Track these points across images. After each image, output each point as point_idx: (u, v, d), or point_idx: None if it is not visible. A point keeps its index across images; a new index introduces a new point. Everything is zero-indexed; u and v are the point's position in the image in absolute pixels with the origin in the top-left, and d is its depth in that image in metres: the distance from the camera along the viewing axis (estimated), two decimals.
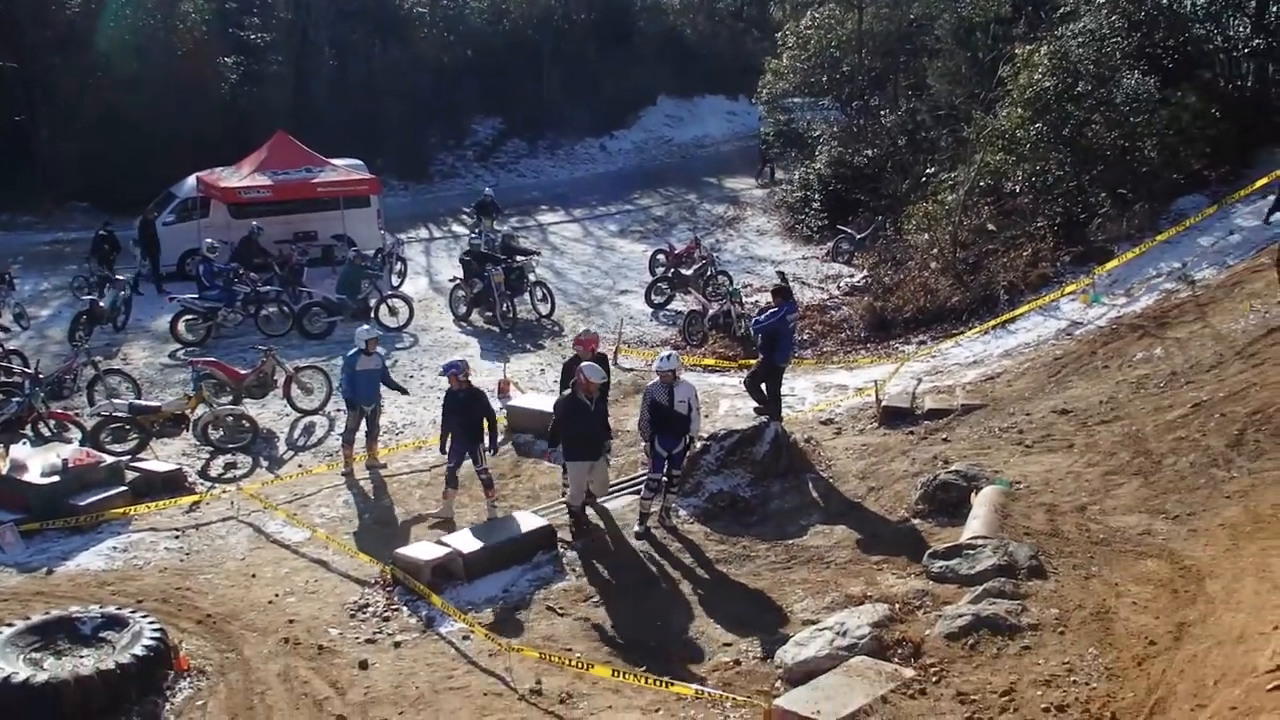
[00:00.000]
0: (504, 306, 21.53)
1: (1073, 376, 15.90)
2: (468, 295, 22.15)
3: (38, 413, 15.57)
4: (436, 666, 10.23)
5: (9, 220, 29.03)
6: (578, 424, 12.63)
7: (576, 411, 12.65)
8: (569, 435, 12.69)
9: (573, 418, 12.64)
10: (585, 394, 12.63)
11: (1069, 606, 9.45)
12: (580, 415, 12.64)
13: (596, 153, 42.89)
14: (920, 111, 29.36)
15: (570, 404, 12.70)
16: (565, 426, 12.67)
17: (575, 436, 12.68)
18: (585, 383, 12.60)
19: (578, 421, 12.63)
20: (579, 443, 12.72)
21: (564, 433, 12.71)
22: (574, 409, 12.66)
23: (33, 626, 10.08)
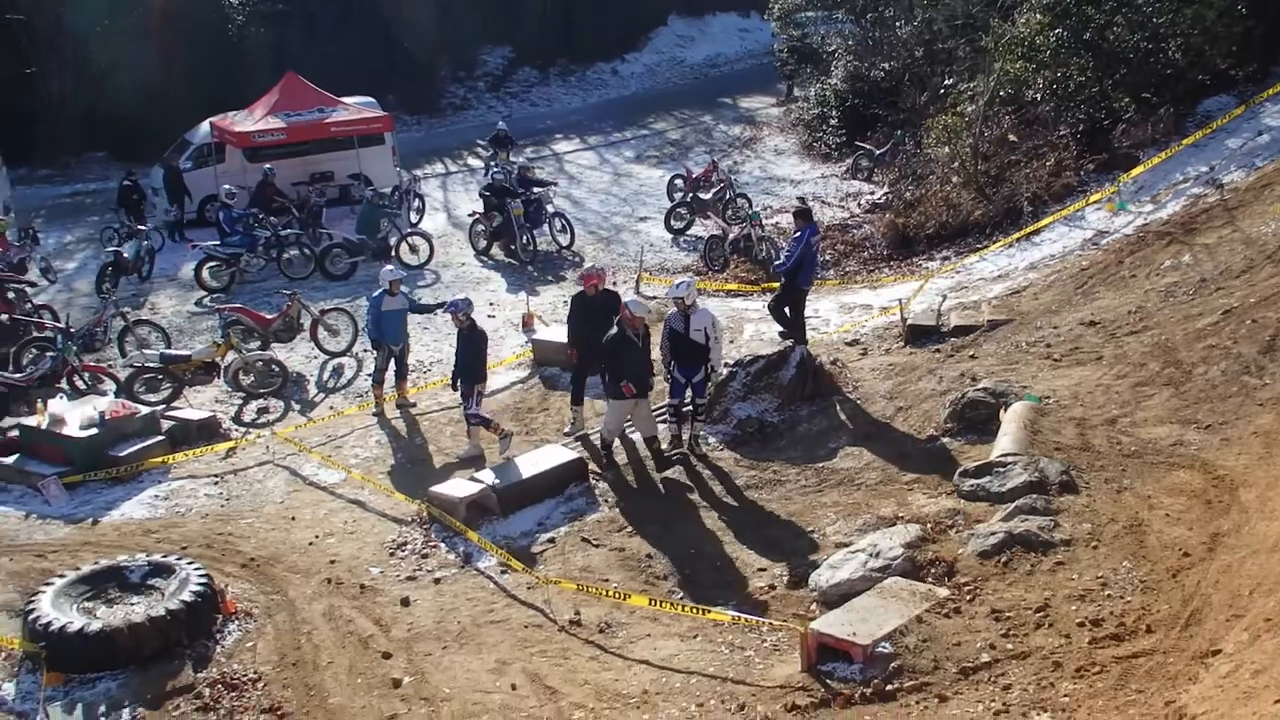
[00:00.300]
0: (524, 239, 21.51)
1: (1100, 287, 15.81)
2: (487, 229, 22.12)
3: (72, 366, 15.73)
4: (477, 601, 10.43)
5: (28, 174, 29.08)
6: (625, 360, 12.54)
7: (624, 347, 12.57)
8: (616, 371, 12.59)
9: (620, 354, 12.56)
10: (631, 329, 12.58)
11: (1101, 521, 9.52)
12: (628, 351, 12.57)
13: (608, 77, 42.47)
14: (936, 21, 28.78)
15: (618, 340, 12.59)
16: (614, 364, 12.59)
17: (622, 373, 12.58)
18: (631, 318, 12.56)
19: (625, 358, 12.55)
20: (632, 376, 12.60)
21: (614, 370, 12.61)
22: (621, 345, 12.58)
23: (83, 577, 10.31)
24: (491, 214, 22.10)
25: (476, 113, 38.20)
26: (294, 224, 21.80)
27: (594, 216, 25.07)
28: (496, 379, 16.03)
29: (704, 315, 12.93)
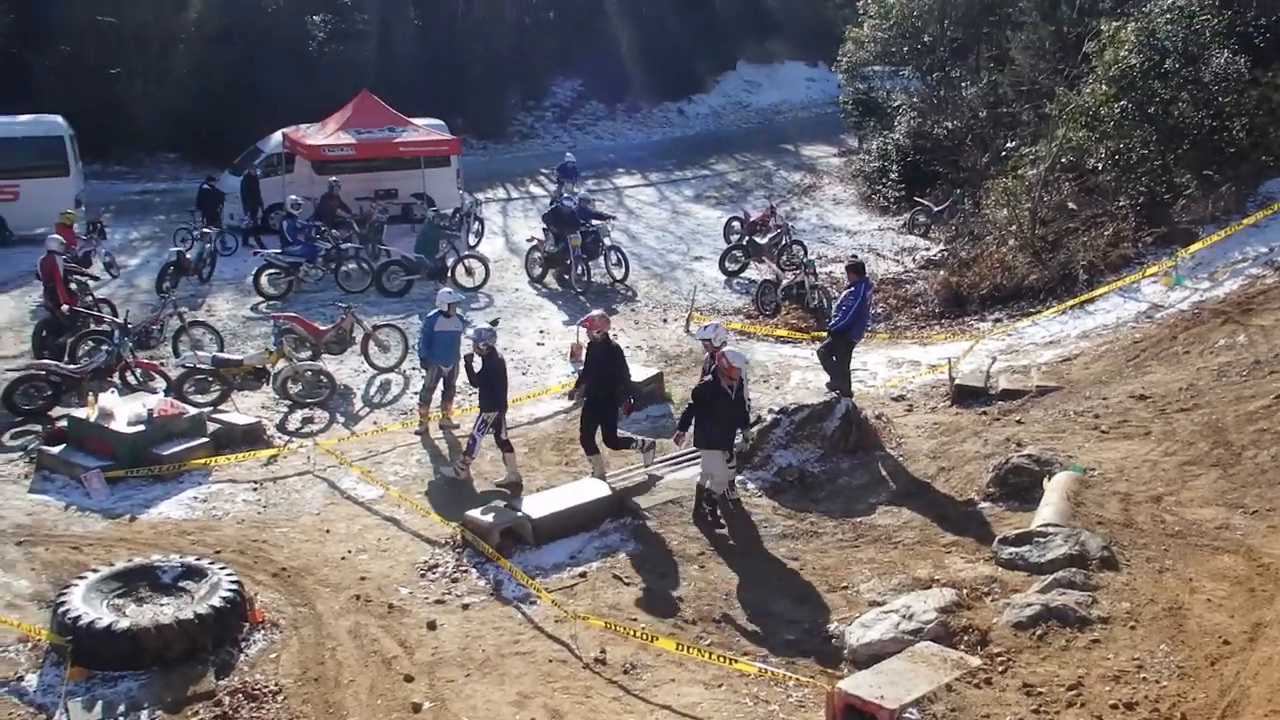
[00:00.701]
0: (578, 270, 21.61)
1: (1152, 361, 15.64)
2: (543, 257, 22.23)
3: (125, 362, 15.95)
4: (503, 630, 10.41)
5: (101, 170, 29.66)
6: (718, 411, 12.25)
7: (718, 398, 12.27)
8: (709, 422, 12.29)
9: (713, 404, 12.26)
10: (727, 380, 12.30)
11: (1141, 601, 9.37)
12: (721, 402, 12.28)
13: (674, 116, 42.77)
14: (1002, 84, 28.80)
15: (711, 390, 12.34)
16: (705, 413, 12.29)
17: (715, 423, 12.29)
18: (728, 368, 12.26)
19: (718, 408, 12.25)
20: (719, 430, 12.33)
21: (704, 419, 12.31)
22: (715, 395, 12.29)
23: (116, 573, 10.43)
24: (549, 240, 22.19)
25: (542, 141, 38.57)
26: (354, 238, 22.08)
27: (650, 252, 25.16)
28: (540, 407, 16.15)
29: (734, 358, 12.72)
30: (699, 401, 12.42)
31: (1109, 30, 21.04)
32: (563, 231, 21.91)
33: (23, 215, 23.32)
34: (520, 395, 16.48)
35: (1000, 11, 31.14)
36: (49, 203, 22.38)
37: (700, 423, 12.37)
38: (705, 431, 12.36)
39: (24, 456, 14.11)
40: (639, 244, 25.67)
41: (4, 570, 11.20)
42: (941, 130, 29.27)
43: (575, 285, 21.65)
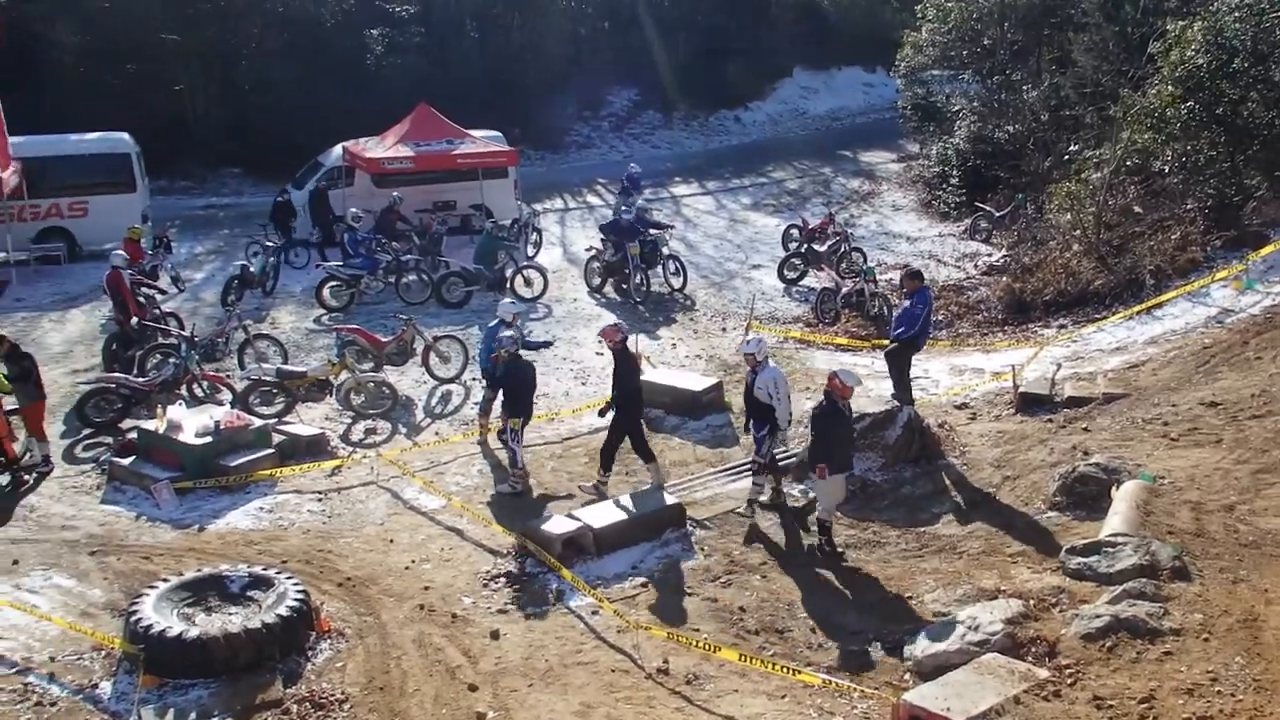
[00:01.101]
0: (637, 279, 21.64)
1: (1222, 367, 15.34)
2: (602, 266, 22.29)
3: (192, 375, 16.22)
4: (566, 640, 10.43)
5: (167, 185, 30.19)
6: (840, 433, 11.95)
7: (836, 421, 11.92)
8: (836, 445, 11.91)
9: (832, 427, 11.89)
10: (842, 400, 11.92)
11: (1214, 612, 9.17)
12: (841, 424, 12.00)
13: (731, 124, 42.67)
14: (1064, 87, 28.43)
15: (830, 413, 11.91)
16: (830, 437, 11.89)
17: (841, 446, 11.98)
18: (841, 388, 11.87)
19: (837, 431, 11.93)
20: (843, 452, 12.01)
21: (827, 444, 11.90)
22: (835, 418, 11.92)
23: (186, 583, 10.62)
24: (608, 251, 22.23)
25: (599, 151, 38.68)
26: (414, 250, 22.27)
27: (707, 261, 25.13)
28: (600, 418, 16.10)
29: (768, 374, 12.67)
30: (820, 427, 11.95)
31: (1175, 30, 20.69)
32: (621, 240, 21.92)
33: (91, 231, 23.81)
34: (580, 405, 16.54)
35: (1062, 13, 30.77)
36: (116, 218, 22.85)
37: (820, 447, 11.93)
38: (833, 456, 11.89)
39: (96, 468, 14.40)
40: (697, 252, 25.64)
41: (78, 579, 11.45)
42: (1003, 134, 28.97)
43: (634, 295, 21.65)
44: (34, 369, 14.47)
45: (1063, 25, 30.66)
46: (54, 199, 23.77)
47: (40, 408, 14.56)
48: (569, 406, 16.66)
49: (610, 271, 22.27)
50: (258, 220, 24.85)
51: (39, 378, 14.57)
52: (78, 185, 23.97)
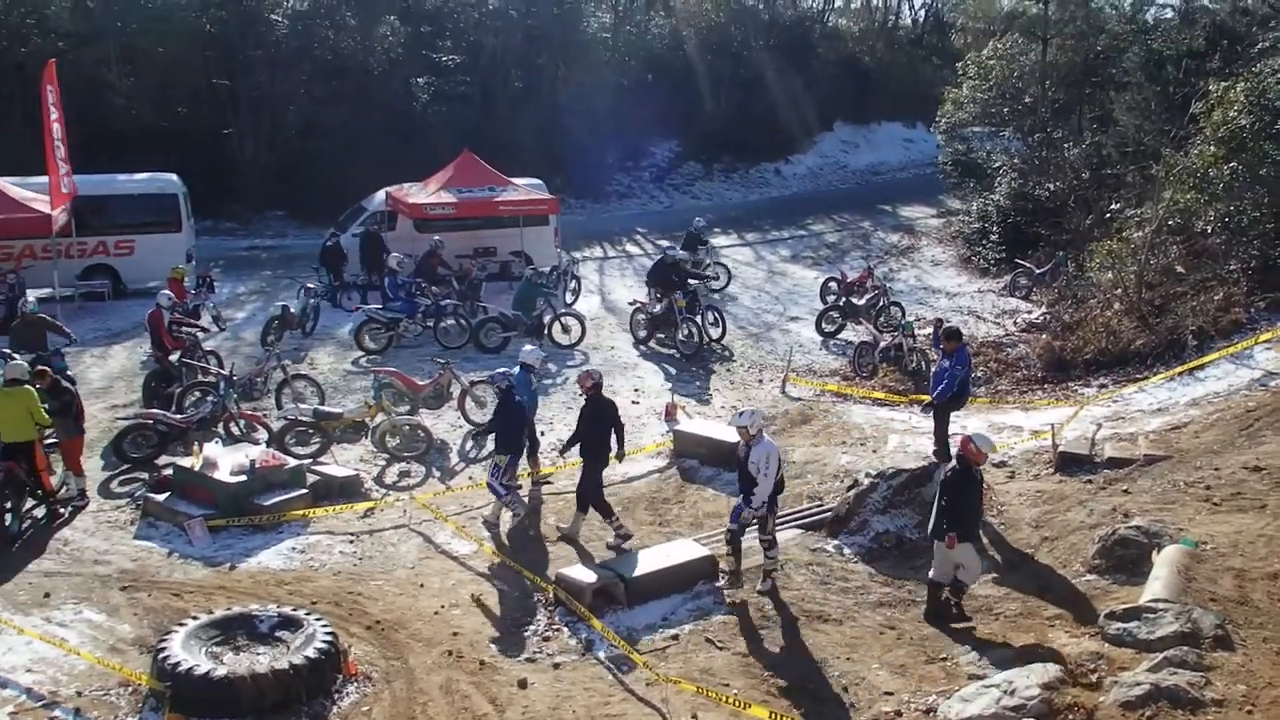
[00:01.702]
0: (685, 330, 21.30)
1: (1266, 431, 15.06)
2: (648, 319, 22.15)
3: (230, 413, 16.35)
4: (594, 691, 10.32)
5: (212, 226, 30.67)
6: (970, 500, 11.39)
7: (970, 487, 11.38)
8: (967, 512, 11.37)
9: (965, 493, 11.31)
10: (977, 466, 11.43)
11: (1258, 684, 8.95)
12: (973, 490, 11.43)
13: (771, 177, 42.94)
14: (1106, 145, 28.44)
15: (963, 480, 11.32)
16: (962, 503, 11.30)
17: (972, 513, 11.47)
18: (976, 453, 11.34)
19: (970, 497, 11.39)
20: (973, 519, 11.52)
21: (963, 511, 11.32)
22: (968, 485, 11.36)
23: (215, 621, 10.61)
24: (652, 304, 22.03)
25: (639, 201, 38.97)
26: (453, 295, 22.40)
27: (745, 312, 25.12)
28: (635, 466, 16.08)
29: (761, 448, 12.01)
30: (953, 493, 11.30)
31: (1217, 90, 20.65)
32: (666, 293, 21.82)
33: (137, 269, 24.21)
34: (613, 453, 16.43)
35: (1103, 72, 30.90)
36: (162, 257, 23.21)
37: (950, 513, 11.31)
38: (964, 523, 11.32)
39: (130, 503, 14.48)
40: (735, 304, 25.65)
41: (108, 614, 11.47)
42: (1043, 191, 28.93)
43: (682, 348, 21.29)
44: (75, 403, 14.62)
45: (1104, 84, 30.79)
46: (101, 237, 24.16)
47: (79, 442, 14.69)
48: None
49: (656, 324, 22.00)
50: (301, 262, 25.17)
51: (80, 412, 14.71)
52: (125, 224, 24.39)
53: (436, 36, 38.59)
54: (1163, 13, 39.90)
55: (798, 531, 13.74)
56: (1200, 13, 34.67)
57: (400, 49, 36.06)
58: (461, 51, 38.52)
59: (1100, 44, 32.05)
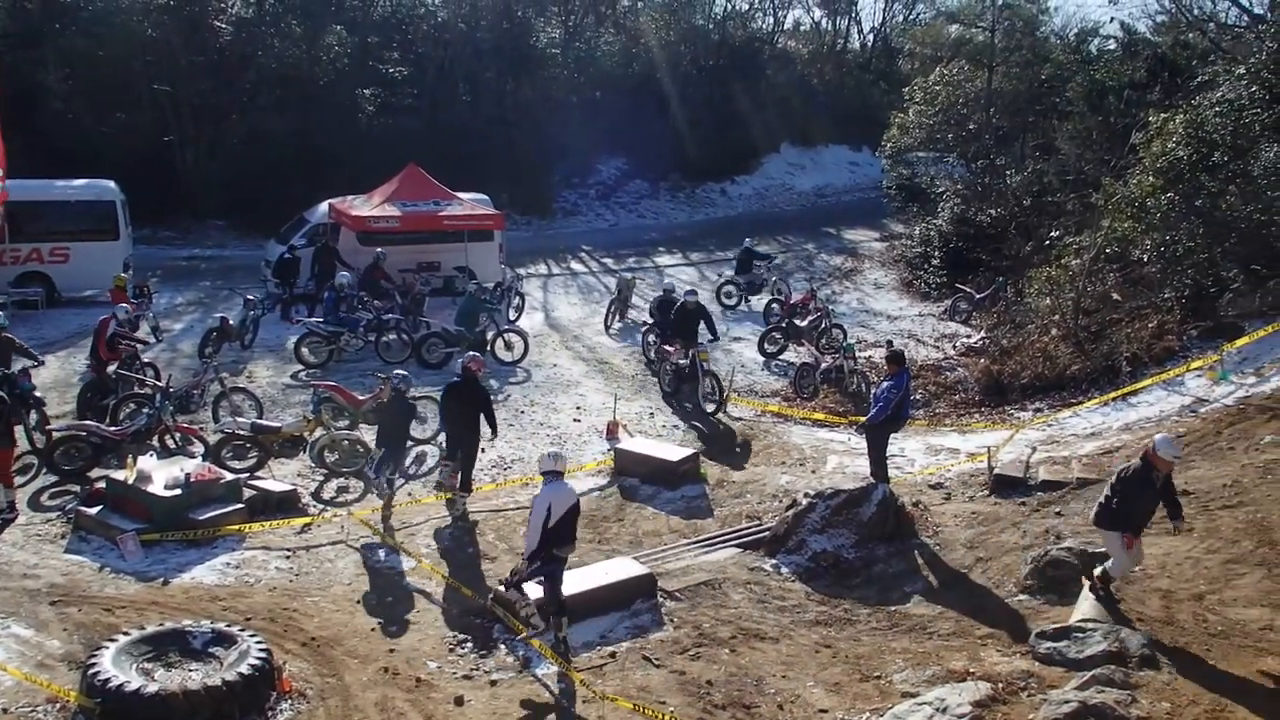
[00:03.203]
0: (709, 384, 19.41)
1: (1195, 456, 15.40)
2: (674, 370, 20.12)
3: (165, 426, 16.13)
4: (531, 708, 10.28)
5: (150, 235, 30.22)
6: (1143, 501, 11.13)
7: (1146, 490, 11.08)
8: (1130, 509, 11.13)
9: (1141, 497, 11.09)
10: (1157, 471, 11.04)
11: (1182, 702, 9.14)
12: (1147, 495, 11.10)
13: (717, 197, 43.19)
14: (1047, 173, 28.97)
15: (1142, 480, 11.07)
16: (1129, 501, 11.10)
17: (1137, 513, 11.17)
18: (1161, 460, 10.99)
19: (1144, 498, 11.11)
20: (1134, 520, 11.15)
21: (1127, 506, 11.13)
22: (1145, 487, 11.07)
23: (147, 637, 10.41)
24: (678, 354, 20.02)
25: (585, 219, 39.02)
26: (396, 309, 22.28)
27: None
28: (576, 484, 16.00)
29: (545, 492, 11.28)
30: (1129, 490, 11.13)
31: (1157, 121, 21.10)
32: (687, 346, 19.92)
33: (72, 277, 23.82)
34: None
35: (1047, 101, 31.47)
36: (98, 266, 22.90)
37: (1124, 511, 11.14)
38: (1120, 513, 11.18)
39: (61, 516, 14.22)
40: None
41: (36, 630, 11.24)
42: (985, 217, 29.40)
43: (705, 402, 19.39)
44: (3, 414, 14.33)
45: (1047, 113, 31.36)
46: (35, 244, 23.73)
47: (8, 455, 14.40)
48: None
49: (682, 378, 19.99)
50: (241, 273, 24.92)
51: (9, 424, 14.42)
52: (60, 231, 23.98)
53: (384, 48, 38.44)
54: (1106, 44, 40.74)
55: (736, 551, 13.81)
56: (1142, 45, 35.44)
57: (347, 59, 35.81)
58: (409, 63, 38.40)
59: (1045, 73, 32.66)
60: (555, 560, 11.28)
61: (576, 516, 11.44)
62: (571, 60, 41.72)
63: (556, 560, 11.29)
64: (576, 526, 11.49)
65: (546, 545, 11.15)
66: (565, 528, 11.22)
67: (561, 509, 11.16)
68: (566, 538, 11.29)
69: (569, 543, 11.36)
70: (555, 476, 11.37)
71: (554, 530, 11.12)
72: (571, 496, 11.40)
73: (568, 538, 11.31)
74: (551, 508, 11.11)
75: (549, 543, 11.15)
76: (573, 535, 11.40)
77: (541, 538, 11.12)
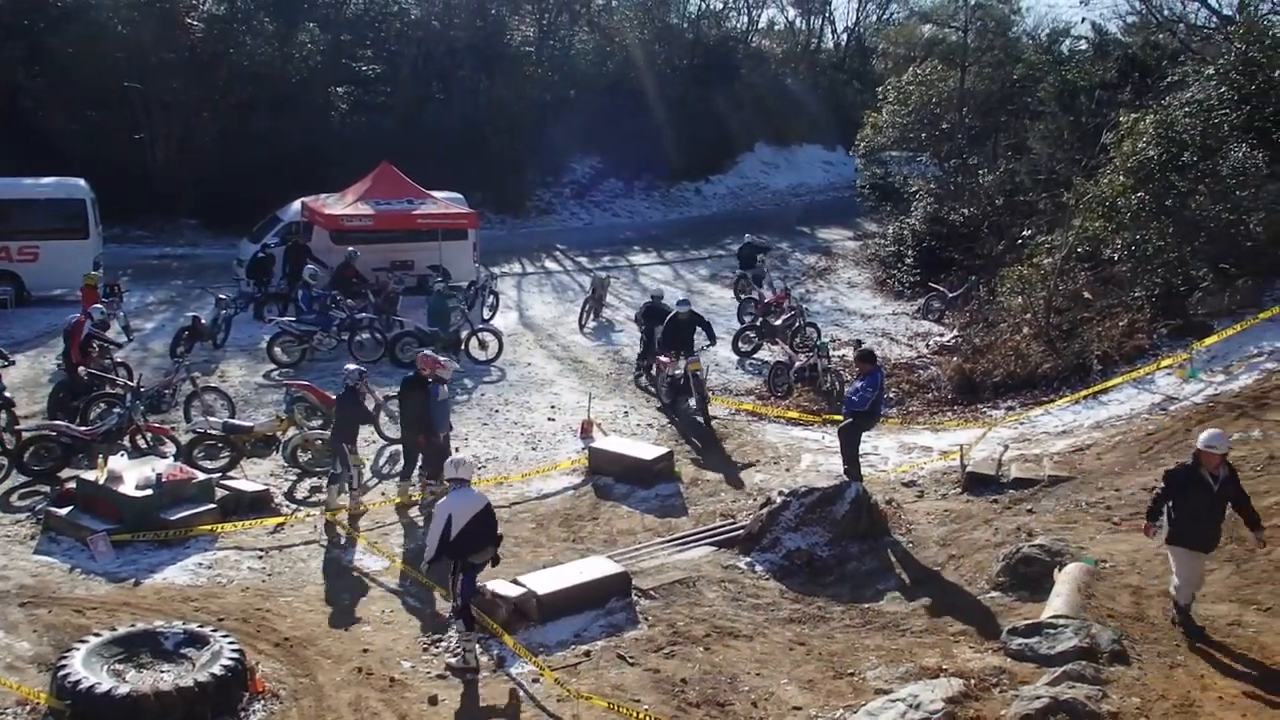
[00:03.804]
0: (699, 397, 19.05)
1: (1165, 454, 15.50)
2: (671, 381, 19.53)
3: (136, 425, 16.02)
4: (505, 708, 10.27)
5: (121, 234, 29.94)
6: (1195, 503, 10.48)
7: (1192, 488, 10.52)
8: (1182, 515, 10.57)
9: (1189, 495, 10.53)
10: (1209, 469, 10.54)
11: (1151, 697, 9.22)
12: (1198, 493, 10.50)
13: (691, 196, 43.21)
14: (1019, 173, 29.14)
15: (1184, 477, 10.61)
16: (1180, 504, 10.59)
17: (1190, 518, 10.54)
18: (1208, 455, 10.52)
19: (1195, 500, 10.48)
20: (1193, 526, 10.55)
21: (1178, 511, 10.62)
22: (1188, 484, 10.55)
23: (118, 638, 10.34)
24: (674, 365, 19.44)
25: (560, 218, 38.98)
26: (369, 308, 22.17)
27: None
28: (550, 483, 16.10)
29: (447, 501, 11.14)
30: (1171, 486, 10.68)
31: (1128, 122, 21.25)
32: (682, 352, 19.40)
33: (42, 276, 23.57)
34: (529, 470, 16.49)
35: (1019, 101, 31.67)
36: (68, 264, 22.68)
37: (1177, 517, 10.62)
38: (1174, 524, 10.64)
39: (31, 517, 14.10)
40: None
41: (6, 631, 11.15)
42: (958, 216, 29.55)
43: (695, 412, 19.11)
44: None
45: (1019, 113, 31.57)
46: (4, 242, 23.43)
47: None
48: (518, 471, 16.60)
49: (678, 389, 19.44)
50: (212, 272, 24.75)
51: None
52: (29, 230, 23.68)
53: (357, 46, 38.26)
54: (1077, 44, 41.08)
55: (710, 549, 13.84)
56: (1113, 45, 35.76)
57: (319, 57, 35.61)
58: (382, 61, 38.24)
59: (1017, 73, 32.87)
60: (473, 568, 11.12)
61: (488, 521, 11.15)
62: (546, 59, 41.66)
63: (474, 567, 11.13)
64: (492, 530, 11.22)
65: (459, 554, 10.97)
66: (474, 535, 10.96)
67: (464, 518, 10.90)
68: (478, 544, 11.04)
69: (482, 548, 11.11)
70: (461, 484, 11.19)
71: (462, 539, 10.90)
72: (478, 503, 11.12)
73: (479, 543, 11.05)
74: (452, 518, 10.89)
75: (461, 551, 10.96)
76: (487, 540, 11.13)
77: (440, 547, 10.94)
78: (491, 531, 11.18)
